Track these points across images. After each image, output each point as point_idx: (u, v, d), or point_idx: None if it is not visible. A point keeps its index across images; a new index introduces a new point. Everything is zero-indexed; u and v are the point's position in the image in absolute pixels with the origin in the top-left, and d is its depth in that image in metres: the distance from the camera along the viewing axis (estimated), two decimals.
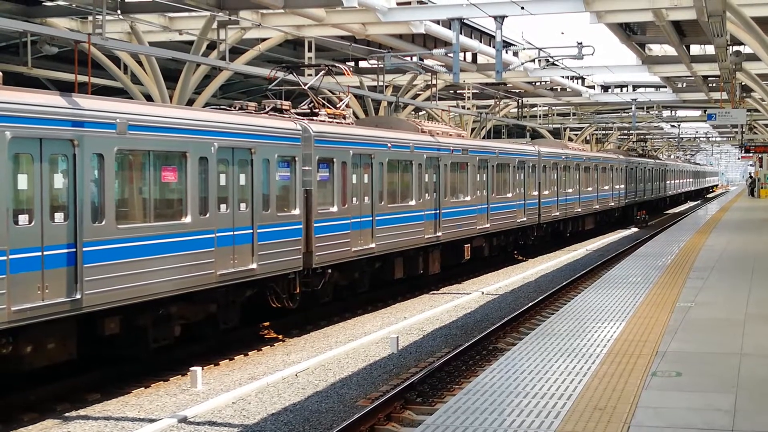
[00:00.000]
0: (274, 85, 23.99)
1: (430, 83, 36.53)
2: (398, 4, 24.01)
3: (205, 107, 22.52)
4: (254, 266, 17.17)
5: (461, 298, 24.51)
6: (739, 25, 22.43)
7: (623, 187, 52.80)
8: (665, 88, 44.76)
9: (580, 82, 43.97)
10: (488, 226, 29.89)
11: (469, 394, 8.60)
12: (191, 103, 26.84)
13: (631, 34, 29.20)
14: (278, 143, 18.15)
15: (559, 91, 45.22)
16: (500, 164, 31.37)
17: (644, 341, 11.00)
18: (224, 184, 16.51)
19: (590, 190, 44.42)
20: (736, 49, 26.10)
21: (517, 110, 48.09)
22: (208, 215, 15.97)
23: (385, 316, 21.94)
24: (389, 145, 22.95)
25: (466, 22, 28.09)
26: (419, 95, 40.48)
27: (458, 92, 44.66)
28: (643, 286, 16.06)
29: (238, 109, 18.77)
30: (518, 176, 33.25)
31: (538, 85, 43.48)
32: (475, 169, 28.75)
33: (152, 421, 12.80)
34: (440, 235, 25.89)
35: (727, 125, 57.95)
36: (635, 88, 47.49)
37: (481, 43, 30.70)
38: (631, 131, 68.98)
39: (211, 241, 15.98)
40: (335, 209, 20.24)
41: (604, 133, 69.98)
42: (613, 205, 50.10)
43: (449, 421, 7.73)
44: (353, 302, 22.63)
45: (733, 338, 11.13)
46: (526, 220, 33.97)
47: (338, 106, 23.39)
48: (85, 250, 13.23)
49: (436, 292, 26.21)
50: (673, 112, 60.51)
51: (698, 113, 59.07)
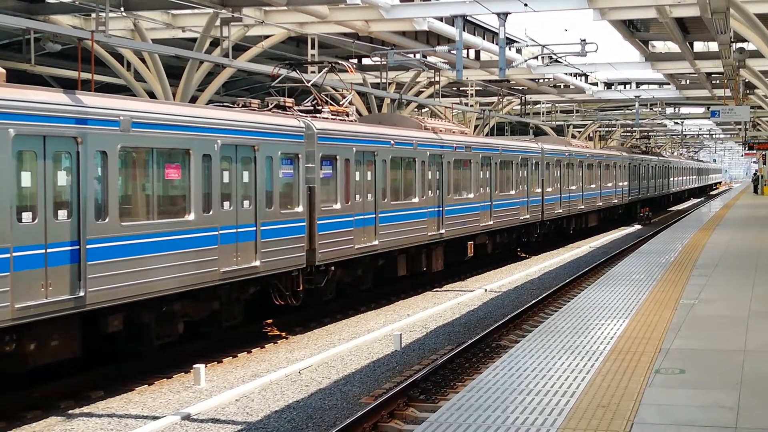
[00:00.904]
0: (277, 82, 23.98)
1: (433, 80, 36.50)
2: (401, 1, 23.97)
3: (208, 104, 22.52)
4: (257, 264, 17.17)
5: (464, 295, 24.51)
6: (742, 21, 22.39)
7: (626, 184, 52.75)
8: (668, 85, 44.67)
9: (583, 79, 43.90)
10: (491, 223, 29.87)
11: (472, 391, 8.60)
12: (194, 100, 26.83)
13: (634, 30, 29.16)
14: (281, 140, 18.15)
15: (562, 88, 45.14)
16: (503, 161, 31.35)
17: (648, 338, 10.99)
18: (227, 181, 16.51)
19: (593, 187, 44.38)
20: (739, 45, 26.07)
21: (520, 107, 48.02)
22: (211, 212, 15.97)
23: (388, 313, 21.95)
24: (392, 142, 22.95)
25: (469, 19, 28.03)
26: (422, 92, 40.43)
27: (461, 89, 44.60)
28: (646, 283, 16.04)
29: (241, 106, 18.77)
30: (521, 173, 33.23)
31: (541, 82, 43.41)
32: (478, 166, 28.73)
33: (155, 418, 12.81)
34: (443, 232, 25.88)
35: (730, 122, 57.90)
36: (638, 85, 47.40)
37: (484, 40, 30.65)
38: (634, 128, 68.88)
39: (214, 238, 15.99)
40: (338, 206, 20.24)
41: (607, 130, 69.88)
42: (616, 202, 50.05)
43: (452, 418, 7.73)
44: (356, 300, 22.64)
45: (736, 335, 11.12)
46: (529, 217, 33.95)
47: (341, 103, 23.39)
48: (88, 247, 13.23)
49: (439, 289, 26.21)
50: (676, 109, 60.39)
51: (702, 110, 58.94)
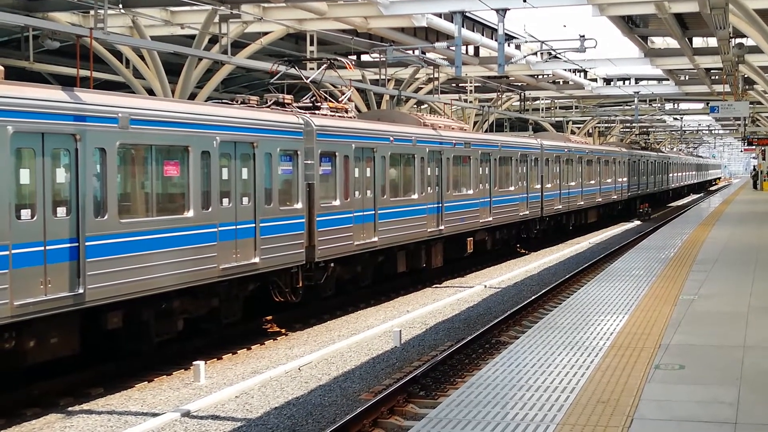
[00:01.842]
0: (276, 79, 23.97)
1: (432, 76, 36.49)
2: None
3: (207, 101, 22.50)
4: (257, 260, 17.16)
5: (464, 291, 24.51)
6: (741, 17, 22.37)
7: (626, 180, 52.76)
8: (668, 80, 44.67)
9: (582, 75, 43.90)
10: (491, 219, 29.87)
11: (472, 387, 8.59)
12: (193, 97, 26.83)
13: (633, 26, 29.15)
14: (280, 137, 18.14)
15: (561, 84, 45.15)
16: (503, 157, 31.34)
17: (647, 334, 10.98)
18: (226, 178, 16.50)
19: (593, 183, 44.38)
20: (738, 41, 26.04)
21: (519, 103, 48.03)
22: (210, 209, 15.96)
23: (387, 309, 21.94)
24: (392, 138, 22.94)
25: (468, 15, 28.02)
26: (421, 89, 40.44)
27: (460, 85, 44.60)
28: (646, 279, 16.04)
29: (240, 103, 18.76)
30: (521, 169, 33.22)
31: (540, 78, 43.40)
32: (477, 162, 28.73)
33: (155, 415, 12.81)
34: (443, 228, 25.88)
35: (729, 118, 57.89)
36: (638, 80, 47.41)
37: (483, 36, 30.66)
38: (633, 124, 68.89)
39: (213, 235, 15.98)
40: (338, 203, 20.23)
41: (606, 126, 69.89)
42: (615, 198, 50.06)
43: (452, 414, 7.72)
44: (356, 296, 22.64)
45: (736, 331, 11.12)
46: (528, 213, 33.95)
47: (340, 99, 23.38)
48: (87, 244, 13.23)
49: (438, 285, 26.21)
50: (675, 104, 60.42)
51: (701, 106, 58.97)
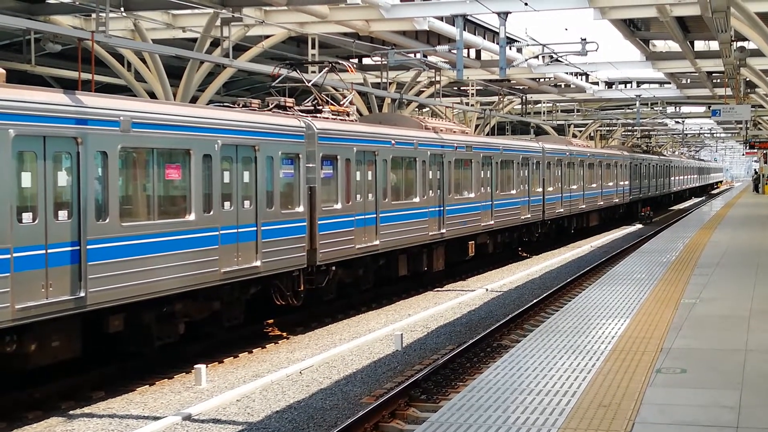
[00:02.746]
0: (277, 82, 23.97)
1: (433, 80, 36.49)
2: (402, 0, 23.97)
3: (208, 105, 22.52)
4: (258, 264, 17.16)
5: (465, 295, 24.50)
6: (743, 20, 22.37)
7: (627, 183, 52.73)
8: (669, 84, 44.64)
9: (584, 78, 43.87)
10: (492, 222, 29.86)
11: (473, 391, 8.59)
12: (195, 100, 26.82)
13: (635, 30, 29.14)
14: (282, 140, 18.14)
15: (563, 87, 45.12)
16: (504, 161, 31.33)
17: (649, 338, 10.98)
18: (228, 181, 16.50)
19: (594, 186, 44.37)
20: (740, 44, 26.03)
21: (521, 107, 48.00)
22: (212, 213, 15.96)
23: (389, 313, 21.93)
24: (393, 142, 22.94)
25: (469, 18, 28.02)
26: (423, 92, 40.42)
27: (462, 89, 44.58)
28: (647, 282, 16.03)
29: (241, 106, 18.76)
30: (522, 173, 33.22)
31: (542, 81, 43.39)
32: (479, 165, 28.72)
33: (156, 418, 12.80)
34: (444, 232, 25.87)
35: (731, 121, 57.87)
36: (639, 84, 47.37)
37: (484, 39, 30.64)
38: (635, 127, 68.85)
39: (215, 238, 15.98)
40: (339, 206, 20.23)
41: (608, 129, 69.86)
42: (617, 201, 50.04)
43: (453, 418, 7.72)
44: (357, 299, 22.63)
45: (738, 334, 11.11)
46: (530, 216, 33.94)
47: (342, 103, 23.38)
48: (89, 247, 13.23)
49: (440, 289, 26.20)
50: (677, 108, 60.34)
51: (702, 109, 58.91)
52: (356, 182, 21.06)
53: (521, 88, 44.19)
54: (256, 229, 17.16)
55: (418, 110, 46.80)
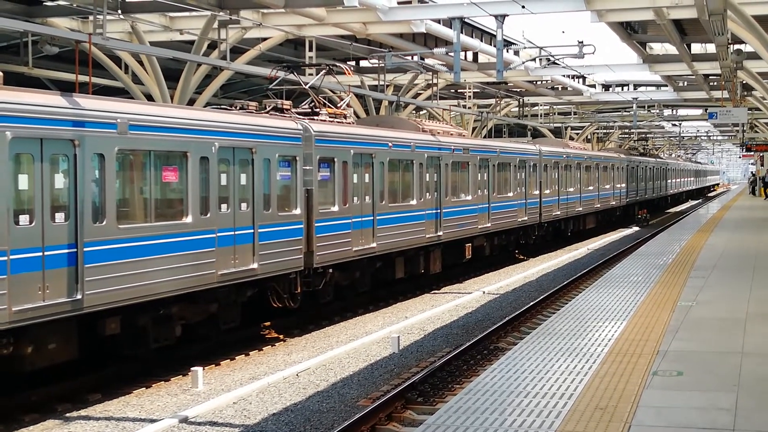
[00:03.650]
0: (274, 84, 23.97)
1: (430, 82, 36.51)
2: (399, 3, 23.97)
3: (205, 107, 22.51)
4: (255, 266, 17.16)
5: (462, 297, 24.50)
6: (740, 23, 22.40)
7: (624, 186, 52.79)
8: (666, 86, 44.70)
9: (581, 81, 43.91)
10: (489, 225, 29.88)
11: (470, 393, 8.59)
12: (192, 102, 26.82)
13: (632, 32, 29.17)
14: (279, 143, 18.15)
15: (560, 90, 45.16)
16: (501, 163, 31.35)
17: (645, 340, 10.99)
18: (225, 183, 16.51)
19: (591, 189, 44.41)
20: (737, 47, 26.06)
21: (518, 109, 48.04)
22: (209, 215, 15.96)
23: (386, 315, 21.94)
24: (390, 144, 22.95)
25: (466, 21, 28.05)
26: (420, 94, 40.44)
27: (459, 91, 44.60)
28: (644, 285, 16.05)
29: (238, 108, 18.77)
30: (519, 175, 33.24)
31: (539, 84, 43.44)
32: (476, 168, 28.73)
33: (153, 421, 12.80)
34: (441, 234, 25.87)
35: (728, 124, 57.91)
36: (636, 86, 47.42)
37: (482, 42, 30.65)
38: (632, 130, 68.92)
39: (212, 240, 15.98)
40: (336, 209, 20.23)
41: (605, 132, 69.92)
42: (614, 204, 50.07)
43: (450, 420, 7.72)
44: (354, 302, 22.63)
45: (734, 337, 11.12)
46: (527, 219, 33.96)
47: (339, 105, 23.39)
48: (85, 250, 13.23)
49: (437, 291, 26.20)
50: (674, 110, 60.43)
51: (699, 112, 58.98)
52: (353, 185, 21.06)
53: (518, 90, 44.23)
54: (253, 231, 17.16)
55: (415, 113, 46.82)
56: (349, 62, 34.45)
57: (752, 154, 63.55)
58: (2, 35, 25.52)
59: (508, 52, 31.41)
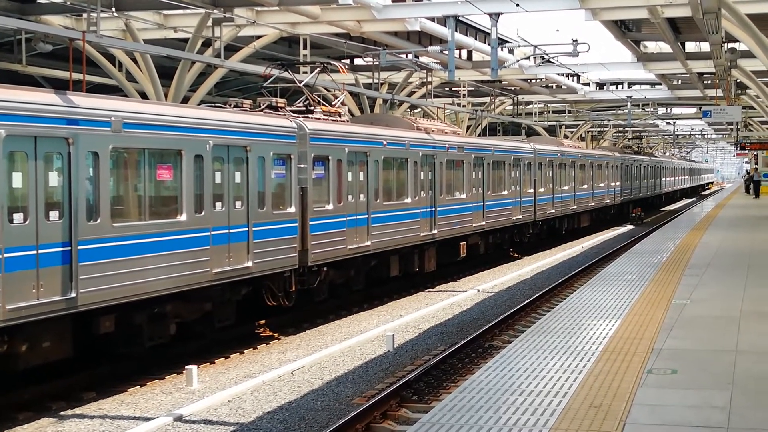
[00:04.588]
0: (269, 82, 23.95)
1: (425, 80, 36.50)
2: (393, 1, 23.97)
3: (200, 105, 22.49)
4: (250, 264, 17.15)
5: (457, 295, 24.51)
6: (734, 22, 22.43)
7: (619, 184, 52.84)
8: (660, 85, 44.74)
9: (575, 79, 43.94)
10: (484, 223, 29.88)
11: (464, 392, 8.59)
12: (186, 100, 26.79)
13: (626, 31, 29.19)
14: (273, 141, 18.13)
15: (554, 88, 45.18)
16: (496, 162, 31.36)
17: (640, 339, 11.00)
18: (219, 182, 16.49)
19: (586, 187, 44.45)
20: (731, 46, 26.11)
21: (512, 107, 48.07)
22: (203, 213, 15.95)
23: (380, 313, 21.94)
24: (385, 142, 22.94)
25: (461, 19, 28.02)
26: (414, 93, 40.43)
27: (454, 89, 44.60)
28: (638, 283, 16.06)
29: (233, 106, 18.75)
30: (514, 174, 33.25)
31: (533, 82, 43.46)
32: (470, 166, 28.74)
33: (148, 419, 12.78)
34: (436, 232, 25.88)
35: (722, 122, 57.99)
36: (630, 85, 47.46)
37: (476, 40, 30.66)
38: (626, 128, 68.98)
39: (206, 239, 15.97)
40: (331, 207, 20.22)
41: (599, 130, 69.98)
42: (608, 202, 50.13)
43: (445, 419, 7.72)
44: (349, 300, 22.62)
45: (728, 335, 11.13)
46: (521, 217, 33.97)
47: (333, 103, 23.38)
48: (80, 248, 13.20)
49: (431, 289, 26.20)
50: (668, 109, 60.48)
51: (693, 110, 59.05)
52: (348, 183, 21.05)
53: (513, 89, 44.24)
54: (247, 229, 17.15)
55: (409, 111, 46.81)
56: (343, 60, 34.43)
57: (746, 152, 63.63)
58: None
59: (502, 50, 31.40)
